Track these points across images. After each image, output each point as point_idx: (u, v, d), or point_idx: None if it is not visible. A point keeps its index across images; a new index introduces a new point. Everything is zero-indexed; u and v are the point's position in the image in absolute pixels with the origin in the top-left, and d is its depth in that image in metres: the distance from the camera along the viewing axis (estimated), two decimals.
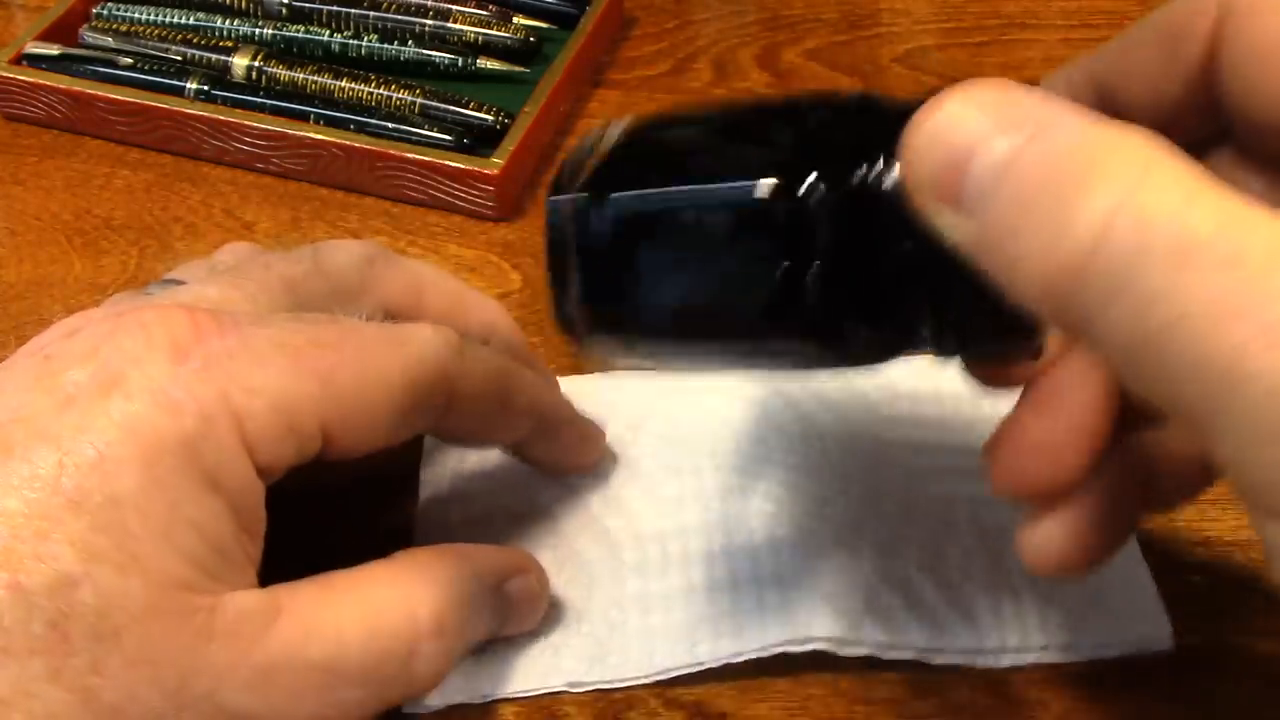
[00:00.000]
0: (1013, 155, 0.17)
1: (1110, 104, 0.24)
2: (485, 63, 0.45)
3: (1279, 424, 0.15)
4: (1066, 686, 0.29)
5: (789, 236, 0.20)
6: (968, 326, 0.21)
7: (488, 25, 0.46)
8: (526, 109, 0.42)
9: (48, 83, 0.44)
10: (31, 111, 0.44)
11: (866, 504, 0.31)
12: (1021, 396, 0.24)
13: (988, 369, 0.25)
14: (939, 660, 0.29)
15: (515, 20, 0.47)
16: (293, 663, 0.23)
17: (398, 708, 0.28)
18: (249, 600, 0.24)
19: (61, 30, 0.46)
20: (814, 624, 0.29)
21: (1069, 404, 0.23)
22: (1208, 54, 0.22)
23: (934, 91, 0.19)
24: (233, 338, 0.24)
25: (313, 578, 0.25)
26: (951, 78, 0.49)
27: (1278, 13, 0.20)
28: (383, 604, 0.25)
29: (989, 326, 0.19)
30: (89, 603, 0.22)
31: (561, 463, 0.32)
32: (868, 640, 0.29)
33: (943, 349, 0.22)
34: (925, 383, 0.34)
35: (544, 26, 0.47)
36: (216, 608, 0.23)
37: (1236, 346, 0.15)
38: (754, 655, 0.28)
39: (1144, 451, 0.24)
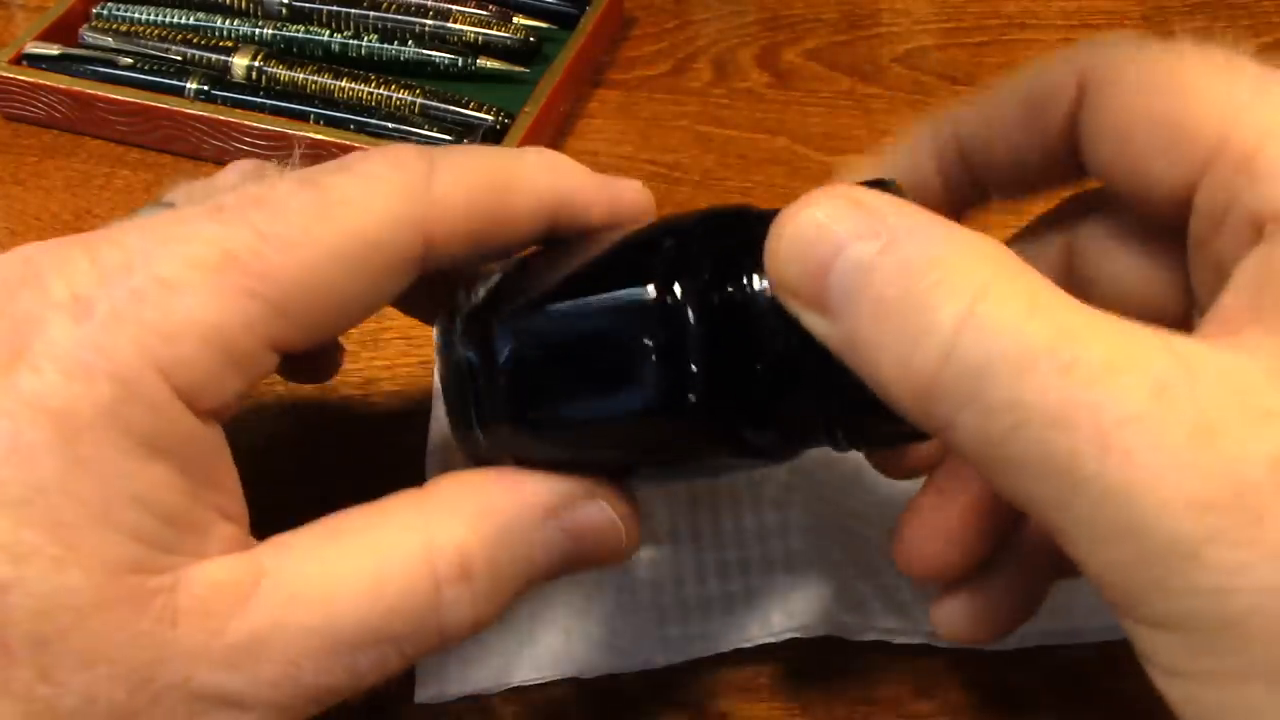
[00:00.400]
0: (870, 263, 0.18)
1: (973, 162, 0.24)
2: (485, 63, 0.45)
3: (1114, 526, 0.16)
4: (1066, 687, 0.29)
5: (668, 350, 0.21)
6: (855, 421, 0.22)
7: (488, 25, 0.46)
8: (526, 109, 0.42)
9: (48, 83, 0.44)
10: (31, 111, 0.44)
11: (875, 490, 0.32)
12: (925, 481, 0.25)
13: (887, 459, 0.26)
14: (946, 644, 0.29)
15: (515, 20, 0.47)
16: (281, 631, 0.21)
17: (410, 689, 0.28)
18: (221, 569, 0.21)
19: (61, 30, 0.46)
20: (824, 608, 0.29)
21: (967, 489, 0.24)
22: (1068, 126, 0.22)
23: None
24: (140, 273, 0.21)
25: (314, 523, 0.22)
26: (951, 77, 0.49)
27: (1132, 90, 0.21)
28: (392, 547, 0.22)
29: (875, 419, 0.20)
30: (24, 607, 0.19)
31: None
32: (878, 626, 0.29)
33: (837, 444, 0.23)
34: None
35: (544, 26, 0.47)
36: (178, 585, 0.20)
37: (1071, 452, 0.16)
38: (764, 640, 0.29)
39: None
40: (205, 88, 0.43)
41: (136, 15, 0.47)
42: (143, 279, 0.21)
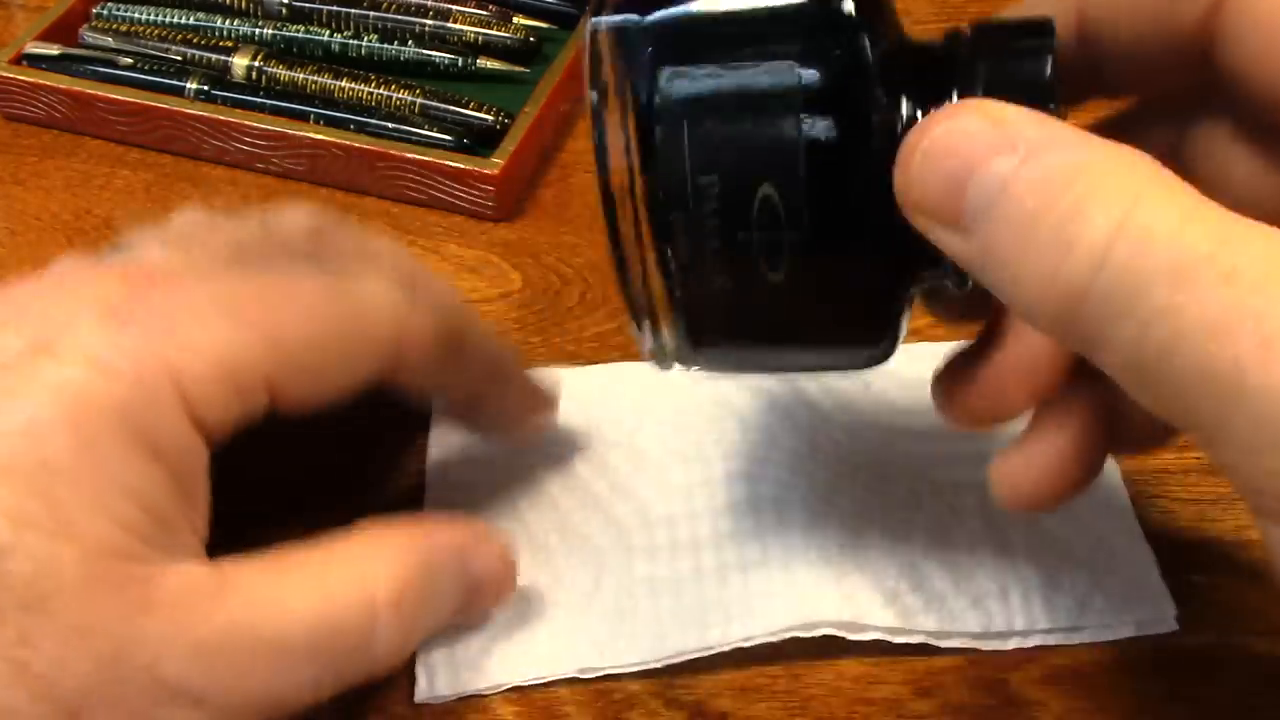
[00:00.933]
0: (1008, 177, 0.18)
1: (1092, 40, 0.23)
2: (485, 63, 0.45)
3: (1276, 434, 0.16)
4: (1066, 686, 0.29)
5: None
6: None
7: (488, 25, 0.46)
8: (526, 109, 0.42)
9: (48, 83, 0.44)
10: (31, 111, 0.44)
11: (874, 490, 0.32)
12: (980, 332, 0.25)
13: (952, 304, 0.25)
14: (946, 644, 0.29)
15: (515, 20, 0.47)
16: (239, 637, 0.23)
17: (410, 689, 0.28)
18: (192, 572, 0.23)
19: (61, 30, 0.46)
20: (823, 609, 0.29)
21: (1020, 340, 0.23)
22: (1205, 21, 0.21)
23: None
24: (169, 295, 0.24)
25: (265, 552, 0.25)
26: None
27: None
28: (338, 579, 0.24)
29: None
30: (18, 572, 0.21)
31: (513, 422, 0.32)
32: (876, 625, 0.29)
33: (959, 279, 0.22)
34: (931, 372, 0.34)
35: (544, 26, 0.47)
36: (155, 578, 0.22)
37: (1235, 360, 0.16)
38: (763, 640, 0.29)
39: (1105, 393, 0.24)
40: (205, 88, 0.43)
41: (136, 15, 0.47)
42: (171, 301, 0.24)
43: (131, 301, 0.23)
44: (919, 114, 0.21)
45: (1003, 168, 0.18)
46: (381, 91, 0.43)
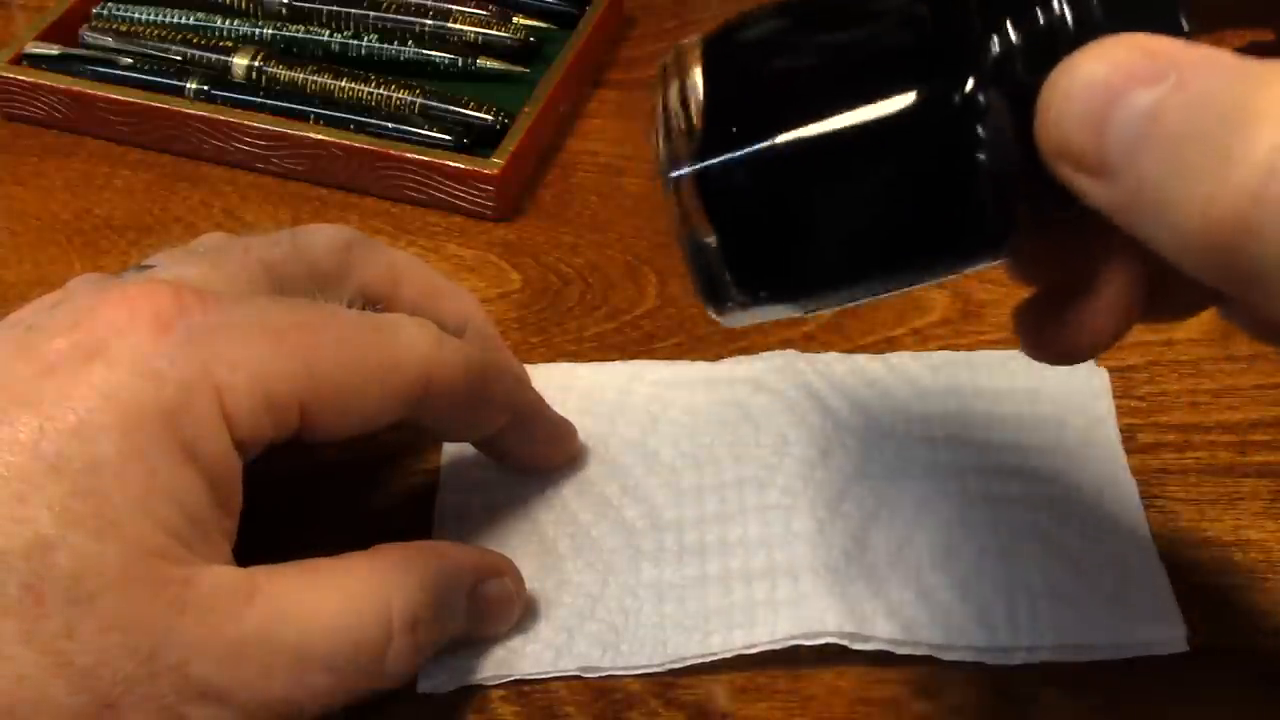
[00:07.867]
0: (1157, 107, 0.16)
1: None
2: (485, 63, 0.45)
3: None
4: (1067, 687, 0.29)
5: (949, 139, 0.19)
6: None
7: (487, 25, 0.46)
8: (526, 109, 0.42)
9: (48, 83, 0.44)
10: (31, 111, 0.44)
11: (882, 500, 0.32)
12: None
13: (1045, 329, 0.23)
14: (950, 657, 0.29)
15: (515, 20, 0.47)
16: (265, 642, 0.24)
17: (411, 686, 0.28)
18: (226, 576, 0.24)
19: (61, 30, 0.46)
20: (826, 618, 0.29)
21: (1106, 281, 0.21)
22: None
23: None
24: (216, 314, 0.25)
25: (293, 562, 0.25)
26: None
27: None
28: (360, 595, 0.25)
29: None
30: (64, 567, 0.22)
31: (534, 459, 0.32)
32: (880, 636, 0.29)
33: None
34: (945, 380, 0.34)
35: (544, 26, 0.47)
36: (191, 580, 0.23)
37: None
38: (765, 647, 0.29)
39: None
40: (205, 88, 0.43)
41: (136, 15, 0.47)
42: (217, 318, 0.25)
43: (181, 314, 0.24)
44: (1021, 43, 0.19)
45: (1150, 97, 0.16)
46: (381, 91, 0.43)
